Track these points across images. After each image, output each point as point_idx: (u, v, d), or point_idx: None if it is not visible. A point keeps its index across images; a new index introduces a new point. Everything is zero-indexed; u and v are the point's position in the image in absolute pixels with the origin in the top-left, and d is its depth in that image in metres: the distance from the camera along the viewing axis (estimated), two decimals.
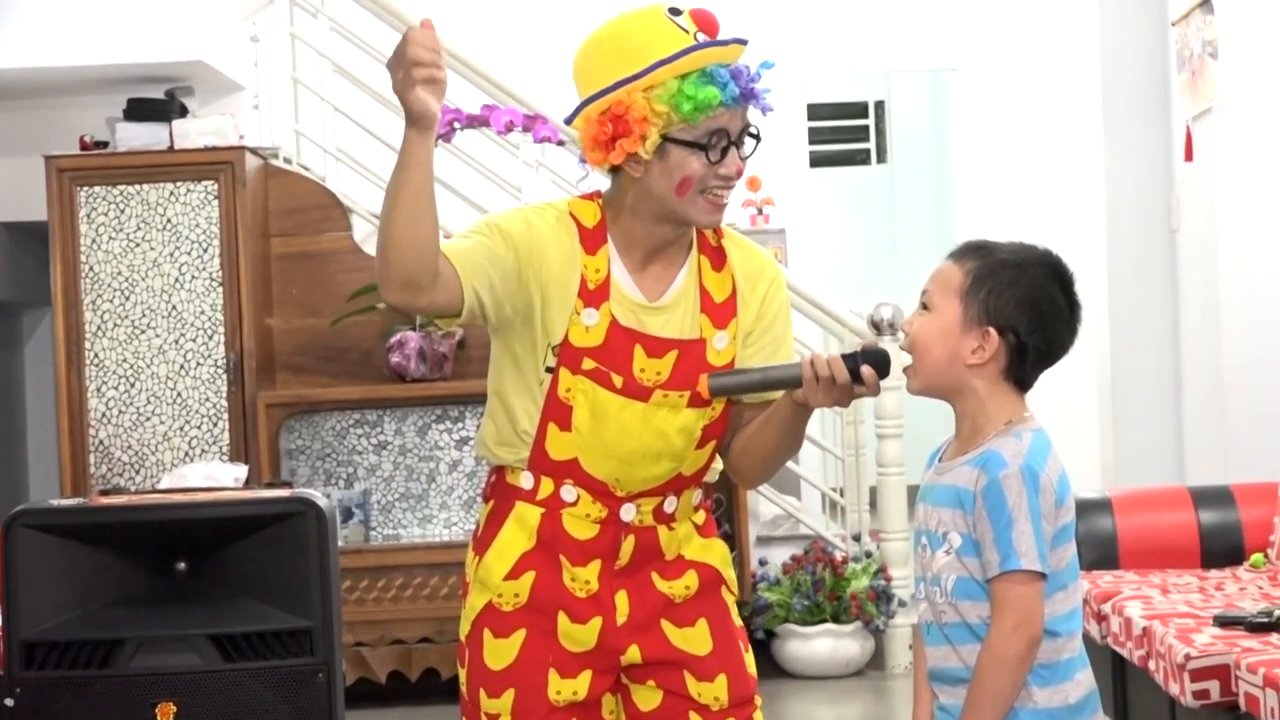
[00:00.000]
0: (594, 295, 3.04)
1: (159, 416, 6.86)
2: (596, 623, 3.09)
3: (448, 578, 6.64)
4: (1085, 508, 6.12)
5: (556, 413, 3.06)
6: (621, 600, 3.11)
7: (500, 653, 3.11)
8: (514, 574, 3.10)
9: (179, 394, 6.86)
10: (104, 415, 6.86)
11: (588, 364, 3.03)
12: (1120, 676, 5.61)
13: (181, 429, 6.86)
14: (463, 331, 7.02)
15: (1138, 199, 8.46)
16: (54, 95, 7.42)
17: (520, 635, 3.10)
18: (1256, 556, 5.87)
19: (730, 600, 3.22)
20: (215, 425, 6.86)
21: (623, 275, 3.08)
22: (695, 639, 3.14)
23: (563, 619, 3.09)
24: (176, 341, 6.87)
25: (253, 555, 4.42)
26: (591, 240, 3.07)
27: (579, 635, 3.09)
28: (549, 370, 3.05)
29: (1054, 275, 2.91)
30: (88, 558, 4.40)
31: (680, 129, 2.98)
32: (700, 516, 3.22)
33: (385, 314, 7.03)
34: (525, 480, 3.12)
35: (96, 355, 6.86)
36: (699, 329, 3.10)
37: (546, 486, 3.10)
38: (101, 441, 6.85)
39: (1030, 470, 2.81)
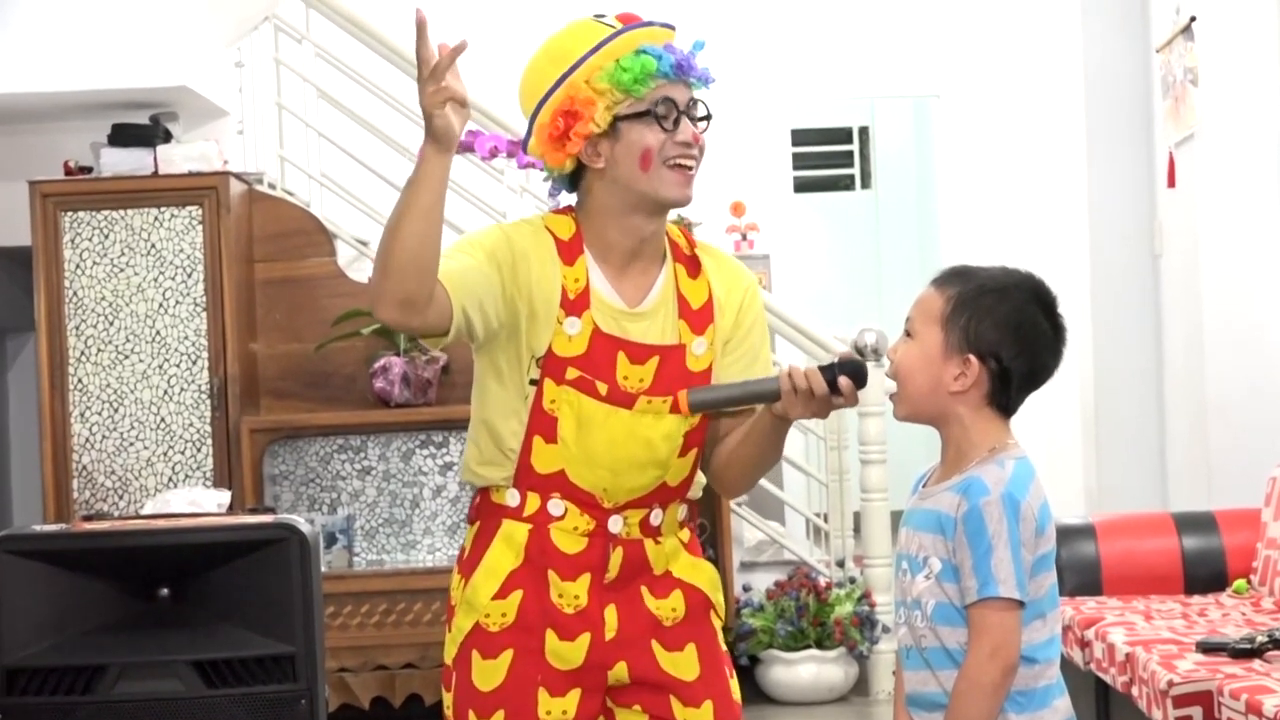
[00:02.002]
0: (575, 304, 3.08)
1: (142, 442, 6.85)
2: (585, 639, 3.10)
3: (431, 603, 6.63)
4: (1068, 533, 6.12)
5: (542, 425, 3.08)
6: (611, 615, 3.11)
7: (489, 674, 3.11)
8: (502, 594, 3.11)
9: (163, 419, 6.85)
10: (87, 440, 6.85)
11: (571, 373, 3.06)
12: (1103, 703, 5.61)
13: (165, 454, 6.85)
14: (447, 357, 7.02)
15: (1121, 224, 8.47)
16: (38, 120, 7.41)
17: (508, 655, 3.11)
18: (1239, 582, 5.88)
19: (718, 625, 3.24)
20: (199, 451, 6.85)
21: (602, 283, 3.12)
22: (683, 664, 3.15)
23: (551, 637, 3.10)
24: (160, 367, 6.86)
25: (236, 581, 4.42)
26: (568, 251, 3.12)
27: (567, 653, 3.10)
28: (533, 383, 3.08)
29: (1036, 299, 2.91)
30: (71, 583, 4.40)
31: (628, 104, 3.08)
32: (685, 534, 3.23)
33: (369, 339, 7.03)
34: (511, 498, 3.13)
35: (80, 380, 6.85)
36: (678, 335, 3.13)
37: (533, 502, 3.11)
38: (85, 467, 6.83)
39: (1011, 498, 2.81)
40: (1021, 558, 2.80)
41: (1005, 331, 2.87)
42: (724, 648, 3.24)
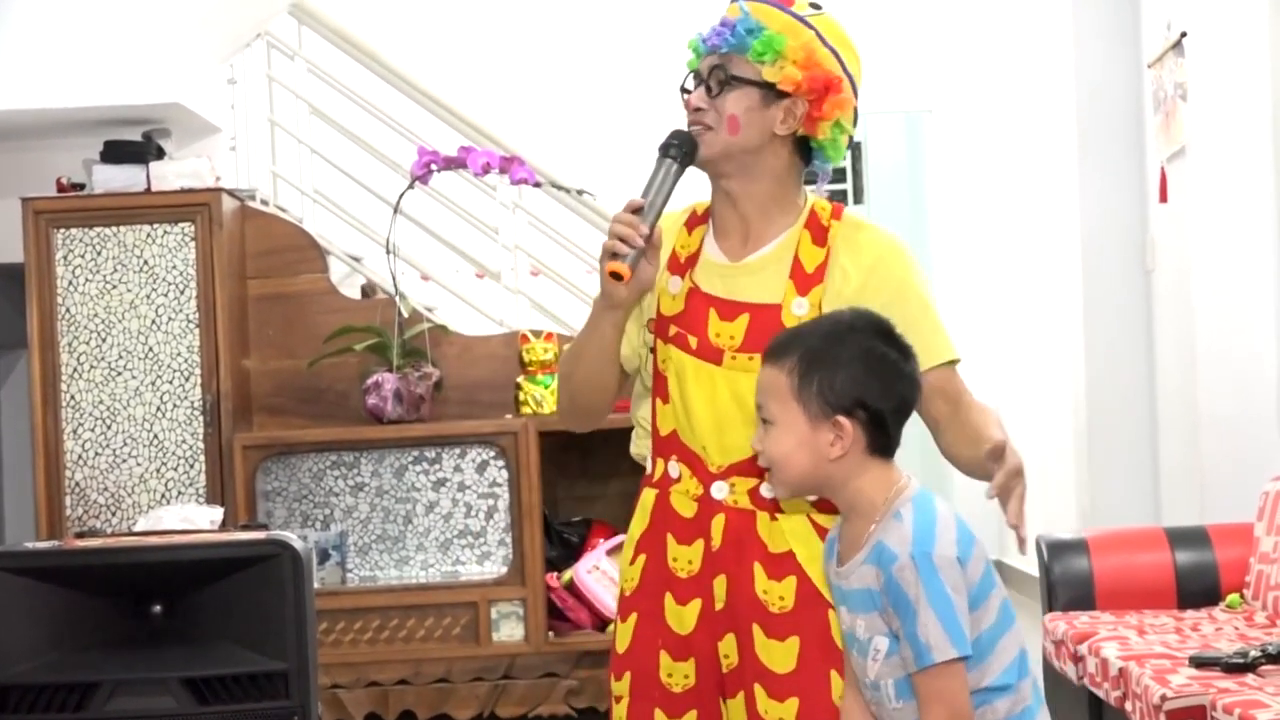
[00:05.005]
0: (681, 266, 3.21)
1: (135, 458, 6.85)
2: (696, 605, 3.11)
3: (424, 619, 6.63)
4: (1061, 548, 6.13)
5: (659, 387, 3.19)
6: (719, 586, 3.10)
7: (623, 636, 3.20)
8: (633, 559, 3.20)
9: (155, 436, 6.85)
10: (80, 457, 6.84)
11: (672, 330, 3.15)
12: (1097, 718, 5.60)
13: (158, 471, 6.85)
14: (439, 373, 7.02)
15: (1113, 239, 8.48)
16: (31, 137, 7.41)
17: (634, 619, 3.18)
18: (1233, 597, 5.88)
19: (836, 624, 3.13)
20: (192, 467, 6.85)
21: (712, 245, 3.22)
22: (779, 655, 3.08)
23: (669, 600, 3.13)
24: (153, 383, 6.86)
25: (228, 598, 4.42)
26: (695, 222, 3.27)
27: (682, 617, 3.12)
28: (651, 350, 3.19)
29: (873, 332, 2.85)
30: (63, 600, 4.39)
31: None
32: (830, 520, 3.11)
33: (362, 355, 7.03)
34: (649, 466, 3.22)
35: (73, 397, 6.84)
36: (781, 294, 3.13)
37: (660, 466, 3.18)
38: (78, 483, 6.83)
39: (921, 555, 2.74)
40: (953, 607, 2.73)
41: (859, 377, 2.79)
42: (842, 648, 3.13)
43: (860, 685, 2.92)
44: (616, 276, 3.07)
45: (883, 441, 2.83)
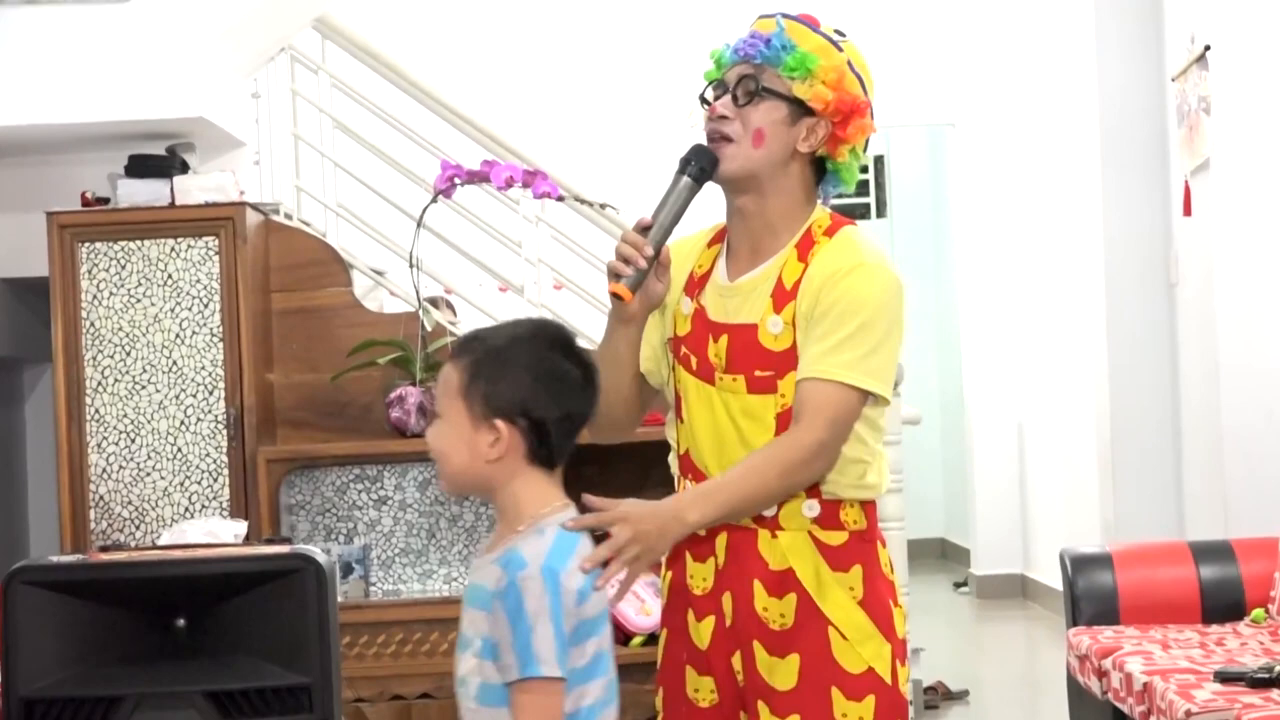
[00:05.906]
0: (694, 286, 3.23)
1: (159, 472, 6.86)
2: (710, 621, 3.15)
3: (448, 633, 6.62)
4: (1085, 563, 6.13)
5: (676, 406, 3.24)
6: (727, 603, 3.14)
7: (660, 651, 3.26)
8: (664, 574, 3.26)
9: (179, 449, 6.86)
10: (104, 471, 6.85)
11: (682, 351, 3.21)
12: None
13: (182, 484, 6.86)
14: None
15: (1137, 253, 8.47)
16: (55, 151, 7.43)
17: (664, 635, 3.25)
18: (1257, 612, 5.87)
19: (842, 645, 3.11)
20: (215, 481, 6.86)
21: (721, 264, 3.23)
22: (780, 672, 3.11)
23: (690, 616, 3.18)
24: (177, 397, 6.87)
25: (252, 611, 4.42)
26: (715, 240, 3.29)
27: (700, 633, 3.16)
28: (672, 368, 3.24)
29: (551, 344, 2.87)
30: (87, 614, 4.40)
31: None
32: (834, 537, 3.14)
33: (385, 369, 7.04)
34: (676, 483, 3.28)
35: (97, 411, 6.85)
36: (760, 313, 3.14)
37: (682, 484, 3.23)
38: (102, 497, 6.84)
39: (550, 570, 2.76)
40: (563, 630, 2.74)
41: (525, 386, 2.81)
42: (855, 669, 3.11)
43: (455, 678, 2.91)
44: (617, 297, 3.08)
45: (544, 452, 2.85)
